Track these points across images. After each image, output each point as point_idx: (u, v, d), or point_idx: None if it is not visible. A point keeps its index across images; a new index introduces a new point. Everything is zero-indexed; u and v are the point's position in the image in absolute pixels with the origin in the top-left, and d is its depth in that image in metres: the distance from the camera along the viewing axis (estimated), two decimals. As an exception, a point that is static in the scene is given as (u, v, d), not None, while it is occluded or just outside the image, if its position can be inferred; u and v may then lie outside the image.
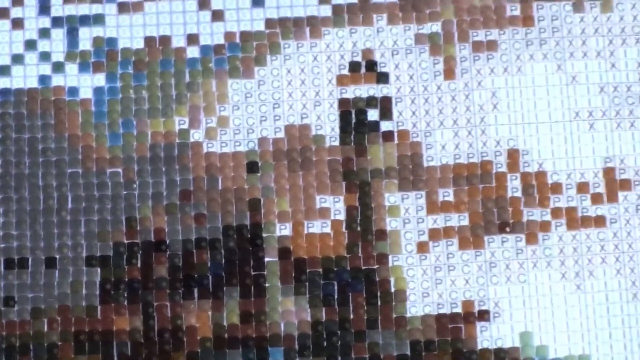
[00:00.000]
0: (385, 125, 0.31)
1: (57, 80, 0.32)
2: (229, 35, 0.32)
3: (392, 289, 0.30)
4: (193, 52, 0.32)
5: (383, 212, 0.30)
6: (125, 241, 0.31)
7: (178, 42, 0.31)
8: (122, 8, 0.32)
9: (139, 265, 0.32)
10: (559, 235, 0.30)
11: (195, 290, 0.31)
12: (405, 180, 0.31)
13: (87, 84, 0.31)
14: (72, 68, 0.31)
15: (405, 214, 0.31)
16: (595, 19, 0.30)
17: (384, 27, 0.32)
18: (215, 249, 0.31)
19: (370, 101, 0.31)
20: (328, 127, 0.31)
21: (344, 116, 0.31)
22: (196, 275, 0.31)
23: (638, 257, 0.31)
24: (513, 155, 0.31)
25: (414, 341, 0.30)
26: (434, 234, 0.30)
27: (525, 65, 0.31)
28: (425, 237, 0.30)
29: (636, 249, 0.32)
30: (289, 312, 0.30)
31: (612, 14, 0.31)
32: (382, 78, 0.31)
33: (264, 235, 0.30)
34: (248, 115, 0.32)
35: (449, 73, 0.31)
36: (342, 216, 0.30)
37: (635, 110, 0.32)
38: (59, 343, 0.32)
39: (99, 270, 0.31)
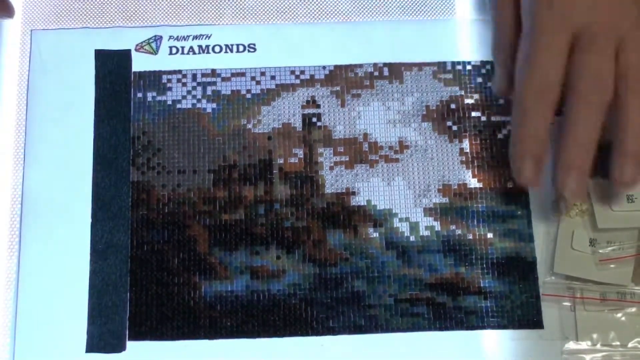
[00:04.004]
0: (318, 124, 0.55)
1: (199, 105, 0.56)
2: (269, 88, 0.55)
3: (320, 182, 0.53)
4: (249, 95, 0.55)
5: (316, 154, 0.54)
6: (223, 164, 0.53)
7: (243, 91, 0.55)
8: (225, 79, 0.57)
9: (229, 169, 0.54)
10: (381, 164, 0.54)
11: (252, 179, 0.54)
12: (326, 142, 0.55)
13: (209, 107, 0.55)
14: (204, 102, 0.55)
15: (324, 155, 0.54)
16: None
17: (320, 88, 0.56)
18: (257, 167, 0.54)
19: (314, 115, 0.55)
20: (298, 124, 0.55)
21: (304, 120, 0.55)
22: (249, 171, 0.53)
23: (413, 174, 0.55)
24: (367, 138, 0.55)
25: (329, 202, 0.53)
26: (336, 163, 0.54)
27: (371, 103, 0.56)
28: (332, 164, 0.54)
29: (411, 171, 0.55)
30: (283, 191, 0.53)
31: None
32: (317, 106, 0.55)
33: (273, 163, 0.54)
34: (271, 119, 0.55)
35: (342, 104, 0.56)
36: (302, 156, 0.54)
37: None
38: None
39: (212, 175, 0.53)
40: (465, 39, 0.59)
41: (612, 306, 0.53)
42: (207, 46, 0.59)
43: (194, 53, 0.59)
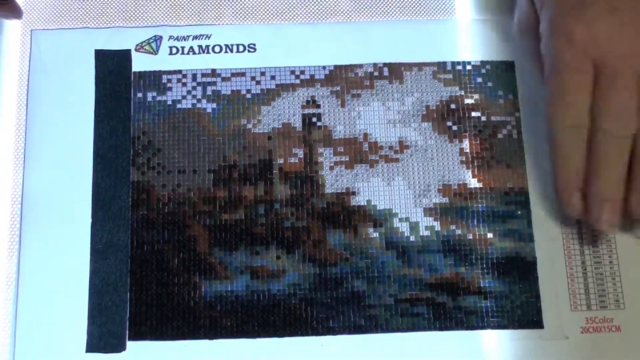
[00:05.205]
0: (318, 124, 0.55)
1: (199, 105, 0.56)
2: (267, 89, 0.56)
3: (320, 182, 0.53)
4: (249, 95, 0.55)
5: (316, 155, 0.54)
6: (223, 164, 0.54)
7: (243, 91, 0.55)
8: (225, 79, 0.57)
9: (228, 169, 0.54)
10: (381, 164, 0.54)
11: (252, 179, 0.54)
12: (326, 142, 0.55)
13: (209, 107, 0.55)
14: (204, 102, 0.55)
15: (324, 155, 0.54)
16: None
17: (320, 88, 0.56)
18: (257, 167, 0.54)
19: (313, 115, 0.56)
20: (298, 124, 0.55)
21: (304, 120, 0.55)
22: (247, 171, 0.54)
23: (413, 174, 0.55)
24: (367, 138, 0.55)
25: (329, 202, 0.53)
26: (336, 163, 0.54)
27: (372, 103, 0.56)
28: (332, 164, 0.54)
29: (411, 171, 0.55)
30: (283, 191, 0.53)
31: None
32: (317, 106, 0.55)
33: (273, 163, 0.54)
34: (271, 119, 0.55)
35: (342, 104, 0.56)
36: (302, 156, 0.54)
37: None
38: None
39: (212, 175, 0.54)
40: (465, 39, 0.59)
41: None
42: (207, 46, 0.59)
43: (194, 53, 0.59)
